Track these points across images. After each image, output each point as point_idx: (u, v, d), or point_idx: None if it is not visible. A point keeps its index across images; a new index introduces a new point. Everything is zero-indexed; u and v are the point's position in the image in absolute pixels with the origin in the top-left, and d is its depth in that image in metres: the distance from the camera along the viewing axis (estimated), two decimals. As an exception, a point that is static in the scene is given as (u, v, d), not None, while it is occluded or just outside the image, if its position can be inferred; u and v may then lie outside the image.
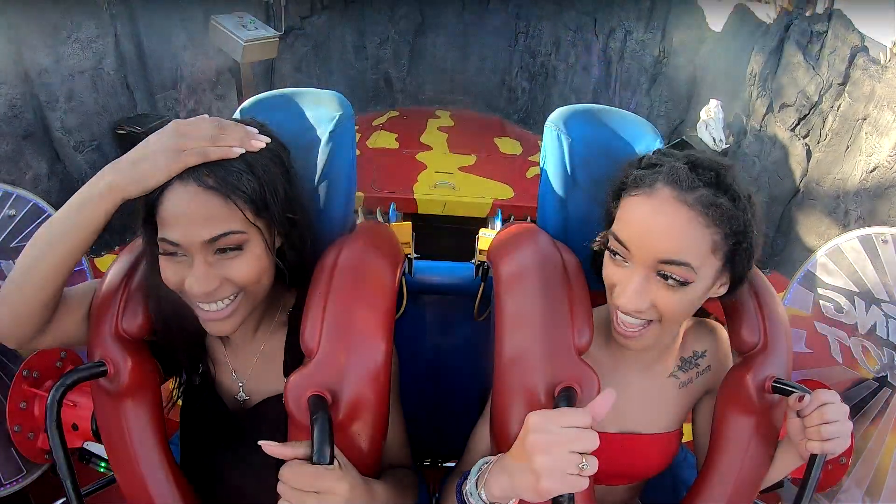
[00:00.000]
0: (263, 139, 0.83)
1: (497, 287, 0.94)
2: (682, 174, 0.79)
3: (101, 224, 0.80)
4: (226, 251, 0.80)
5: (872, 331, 1.15)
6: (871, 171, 2.28)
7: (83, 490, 0.84)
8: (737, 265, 0.83)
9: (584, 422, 0.68)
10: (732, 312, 0.95)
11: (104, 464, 1.15)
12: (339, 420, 0.79)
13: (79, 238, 0.80)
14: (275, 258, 0.87)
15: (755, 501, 0.91)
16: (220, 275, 0.80)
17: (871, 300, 1.16)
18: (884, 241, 1.17)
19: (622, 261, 0.83)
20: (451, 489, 0.81)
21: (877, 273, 1.16)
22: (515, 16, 4.09)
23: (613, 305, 0.86)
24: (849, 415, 0.81)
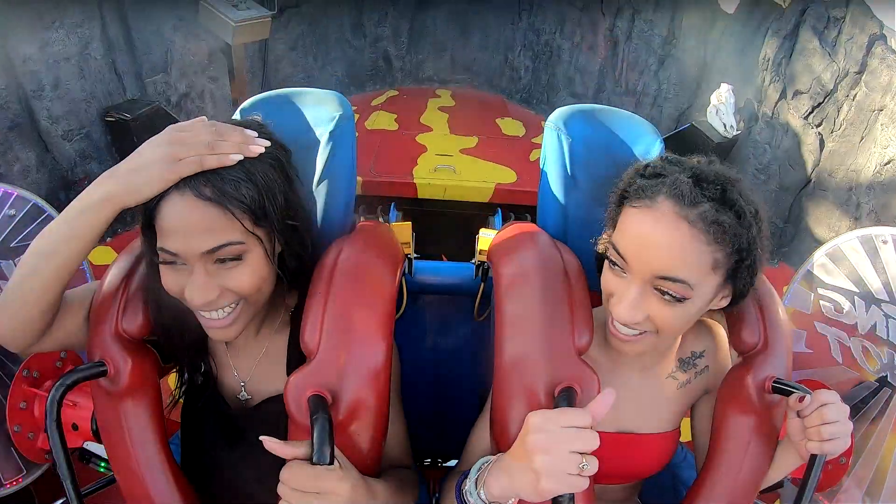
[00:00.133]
0: (263, 143, 0.83)
1: (497, 288, 0.95)
2: (686, 188, 0.78)
3: (100, 232, 0.81)
4: (225, 261, 0.80)
5: (872, 331, 1.16)
6: (886, 164, 2.26)
7: (83, 490, 0.85)
8: (739, 281, 0.84)
9: (585, 422, 0.70)
10: (732, 313, 0.97)
11: (104, 464, 1.16)
12: (340, 420, 0.81)
13: (77, 247, 0.81)
14: (276, 266, 0.88)
15: (755, 501, 0.92)
16: (220, 284, 0.81)
17: (871, 300, 1.17)
18: (884, 242, 1.18)
19: (620, 271, 0.84)
20: (451, 489, 0.83)
21: (877, 273, 1.17)
22: (519, -9, 4.03)
23: (609, 313, 0.88)
24: (849, 415, 0.82)
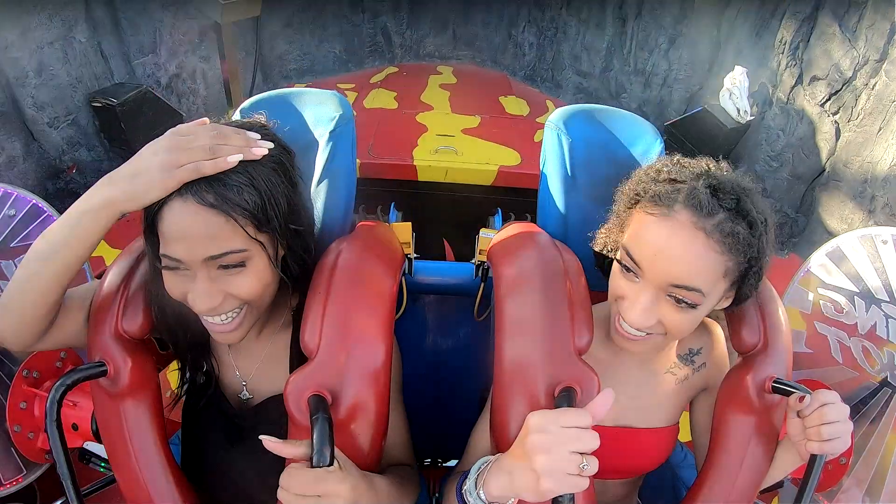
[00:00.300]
0: (265, 146, 0.85)
1: (498, 288, 0.98)
2: (704, 198, 0.82)
3: (100, 236, 0.84)
4: (228, 267, 0.83)
5: (872, 331, 1.19)
6: (903, 158, 2.28)
7: (83, 490, 0.89)
8: (744, 286, 0.89)
9: (585, 422, 0.73)
10: (733, 313, 1.01)
11: (104, 464, 1.19)
12: (340, 420, 0.84)
13: (77, 251, 0.84)
14: (279, 271, 0.90)
15: (755, 501, 0.96)
16: (224, 290, 0.84)
17: (871, 300, 1.20)
18: (884, 242, 1.21)
19: (633, 276, 0.88)
20: (451, 489, 0.86)
21: (877, 273, 1.21)
22: (524, -36, 3.96)
23: (619, 316, 0.92)
24: (849, 415, 0.86)
